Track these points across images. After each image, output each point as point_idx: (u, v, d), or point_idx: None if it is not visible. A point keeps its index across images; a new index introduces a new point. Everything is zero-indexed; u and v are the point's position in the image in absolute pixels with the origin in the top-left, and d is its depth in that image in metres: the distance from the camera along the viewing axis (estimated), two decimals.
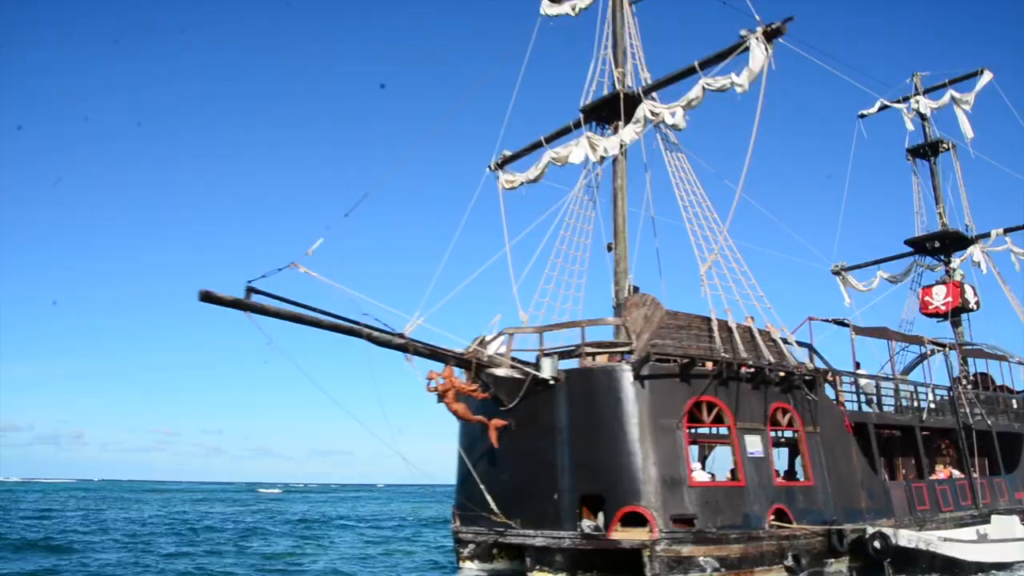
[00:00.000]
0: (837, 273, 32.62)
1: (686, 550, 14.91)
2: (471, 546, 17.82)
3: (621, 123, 20.24)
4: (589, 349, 16.40)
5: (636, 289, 19.46)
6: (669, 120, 19.25)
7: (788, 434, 17.98)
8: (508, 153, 23.09)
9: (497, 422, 16.82)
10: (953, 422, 22.95)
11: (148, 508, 56.36)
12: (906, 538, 16.62)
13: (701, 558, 14.98)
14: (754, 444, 16.55)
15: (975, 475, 22.82)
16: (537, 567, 16.56)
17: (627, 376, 15.71)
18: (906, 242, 30.71)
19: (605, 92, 20.85)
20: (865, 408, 21.07)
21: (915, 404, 23.01)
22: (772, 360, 17.04)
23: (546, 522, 16.24)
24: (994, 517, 20.12)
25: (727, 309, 17.38)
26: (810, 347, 19.12)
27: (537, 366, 16.46)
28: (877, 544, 16.70)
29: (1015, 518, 20.00)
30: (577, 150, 20.83)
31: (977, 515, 21.56)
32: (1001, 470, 24.34)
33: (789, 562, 15.90)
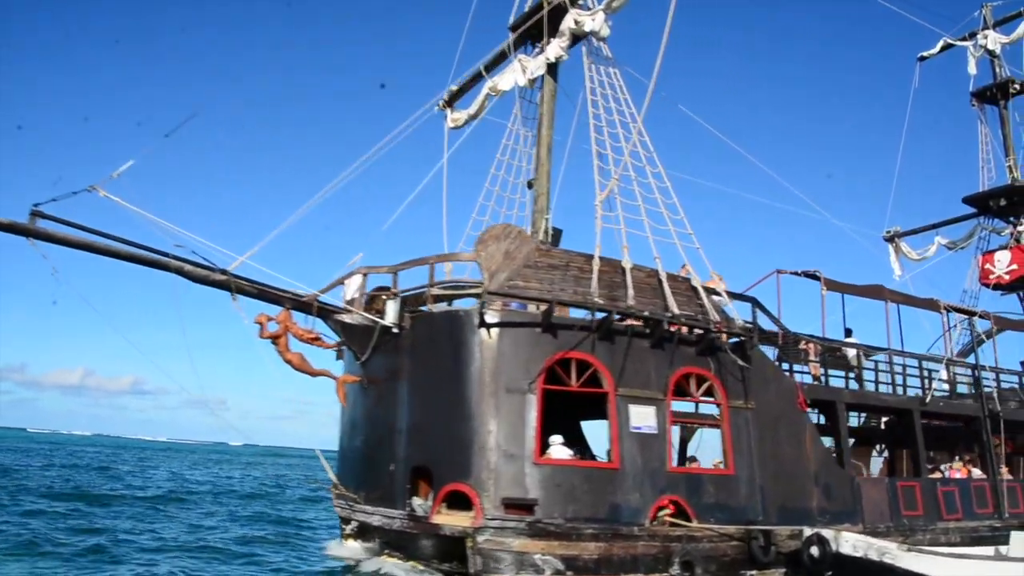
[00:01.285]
0: (890, 240, 27.22)
1: (518, 543, 11.65)
2: (352, 523, 15.21)
3: (546, 39, 16.76)
4: (435, 291, 13.27)
5: (558, 232, 16.07)
6: (589, 27, 15.64)
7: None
8: (454, 88, 19.91)
9: (346, 377, 14.10)
10: (975, 408, 18.06)
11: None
12: (851, 544, 12.55)
13: (538, 556, 11.67)
14: (643, 417, 12.91)
15: (1005, 476, 17.90)
16: (386, 551, 13.82)
17: (472, 323, 12.54)
18: (965, 200, 25.04)
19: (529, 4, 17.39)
20: (852, 385, 16.74)
21: (929, 384, 18.28)
22: (677, 312, 13.26)
23: (383, 498, 13.47)
24: (1014, 534, 15.38)
25: (624, 246, 13.76)
26: (754, 301, 15.07)
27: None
28: (815, 551, 12.75)
29: None
30: (508, 75, 17.51)
31: (1001, 527, 16.80)
32: None
33: (676, 570, 12.28)
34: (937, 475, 17.40)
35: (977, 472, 18.11)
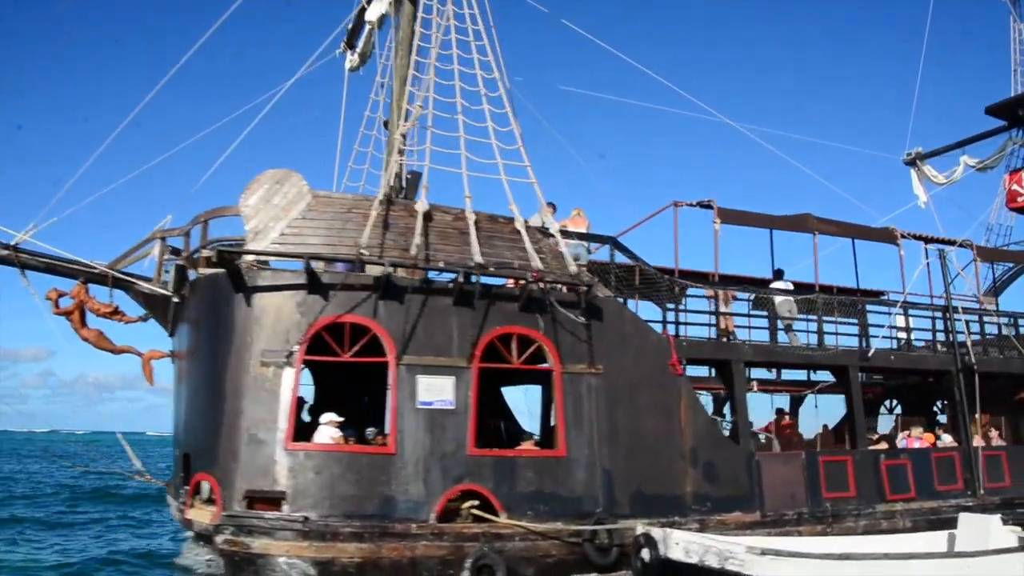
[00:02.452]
0: (911, 163, 23.02)
1: (259, 544, 9.79)
2: None
3: None
4: (207, 252, 11.33)
5: (416, 176, 13.73)
6: None
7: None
8: (350, 25, 17.85)
9: (152, 353, 12.57)
10: (945, 360, 14.55)
11: None
12: (683, 548, 9.90)
13: (283, 559, 9.76)
14: (436, 389, 10.64)
15: (978, 442, 14.41)
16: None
17: (228, 288, 10.62)
18: (989, 110, 20.57)
19: None
20: (779, 339, 13.68)
21: (908, 336, 14.91)
22: (480, 261, 10.78)
23: (176, 489, 11.98)
24: (963, 516, 12.14)
25: (424, 186, 11.39)
26: (612, 241, 12.35)
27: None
28: (645, 555, 10.22)
29: (995, 518, 11.88)
30: (376, 3, 15.23)
31: (975, 506, 13.51)
32: None
33: None
34: (881, 445, 14.11)
35: (948, 439, 14.68)
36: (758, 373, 15.81)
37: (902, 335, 14.90)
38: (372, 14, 14.89)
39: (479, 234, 11.22)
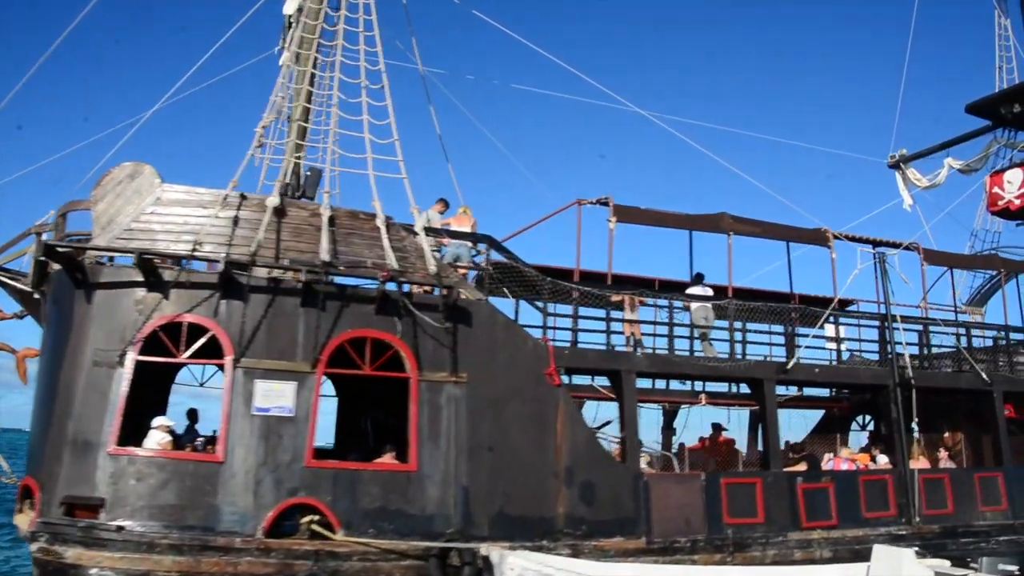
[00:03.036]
0: (895, 166, 21.38)
1: (72, 554, 9.34)
2: None
3: None
4: (62, 247, 10.93)
5: (316, 173, 13.14)
6: None
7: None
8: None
9: (26, 352, 12.32)
10: (880, 375, 13.26)
11: None
12: (517, 572, 9.05)
13: (95, 570, 9.29)
14: (274, 396, 10.04)
15: (918, 463, 13.09)
16: None
17: (70, 284, 10.23)
18: (968, 108, 18.71)
19: None
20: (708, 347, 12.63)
21: (839, 347, 13.68)
22: (326, 259, 10.11)
23: None
24: (878, 548, 10.96)
25: (280, 180, 10.80)
26: (489, 240, 11.54)
27: None
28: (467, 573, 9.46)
29: (908, 551, 10.66)
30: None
31: (910, 534, 12.28)
32: (1004, 457, 13.97)
33: None
34: (801, 466, 12.86)
35: (884, 460, 13.35)
36: (713, 387, 14.86)
37: (838, 345, 13.65)
38: (288, 8, 14.42)
39: (337, 231, 10.60)
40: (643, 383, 14.83)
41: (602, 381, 12.88)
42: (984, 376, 14.15)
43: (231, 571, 9.41)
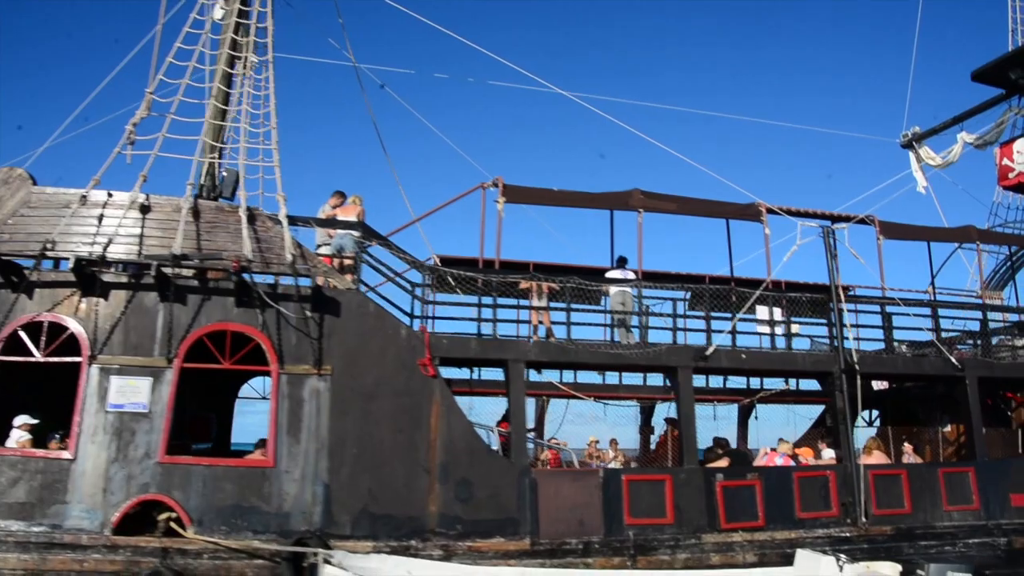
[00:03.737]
0: (907, 145, 19.82)
1: None
2: None
3: None
4: None
5: (233, 174, 13.11)
6: None
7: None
8: None
9: None
10: (824, 361, 11.97)
11: None
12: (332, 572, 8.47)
13: None
14: (129, 392, 9.90)
15: (872, 458, 11.70)
16: None
17: None
18: (975, 75, 17.05)
19: None
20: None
21: (772, 332, 12.48)
22: (178, 252, 9.92)
23: None
24: (800, 553, 9.79)
25: (143, 175, 10.70)
26: (363, 228, 11.10)
27: None
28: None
29: (826, 558, 9.46)
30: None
31: (855, 537, 11.00)
32: (978, 451, 12.32)
33: None
34: (723, 462, 11.63)
35: (830, 455, 12.01)
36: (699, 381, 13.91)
37: (771, 329, 12.43)
38: (216, 14, 14.59)
39: (201, 225, 10.46)
40: (611, 379, 14.15)
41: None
42: (953, 361, 12.58)
43: (77, 568, 9.26)
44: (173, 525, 9.51)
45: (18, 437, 9.98)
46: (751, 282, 12.45)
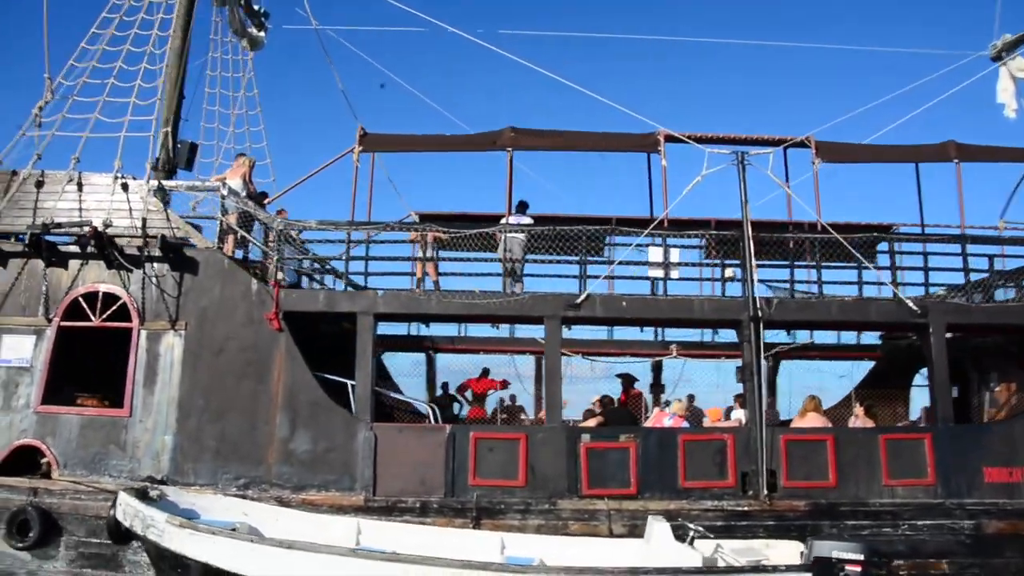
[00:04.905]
0: (997, 58, 16.26)
1: None
2: None
3: None
4: None
5: (191, 146, 14.03)
6: None
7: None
8: None
9: None
10: (728, 309, 10.23)
11: None
12: (123, 509, 8.71)
13: None
14: (17, 347, 10.93)
15: (805, 421, 9.85)
16: None
17: None
18: None
19: None
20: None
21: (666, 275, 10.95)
22: (45, 222, 10.73)
23: None
24: (652, 519, 8.58)
25: (37, 153, 11.66)
26: (230, 190, 11.21)
27: None
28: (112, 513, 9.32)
29: (662, 524, 8.18)
30: None
31: (756, 510, 9.50)
32: (942, 413, 9.86)
33: (2, 528, 10.17)
34: (592, 421, 10.22)
35: (740, 415, 10.23)
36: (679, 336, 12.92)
37: (665, 273, 10.81)
38: None
39: (81, 194, 11.24)
40: (600, 333, 13.39)
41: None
42: (910, 304, 10.16)
43: None
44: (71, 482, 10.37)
45: None
46: (643, 221, 10.94)
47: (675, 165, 11.42)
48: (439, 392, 13.97)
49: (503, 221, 11.67)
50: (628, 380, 12.98)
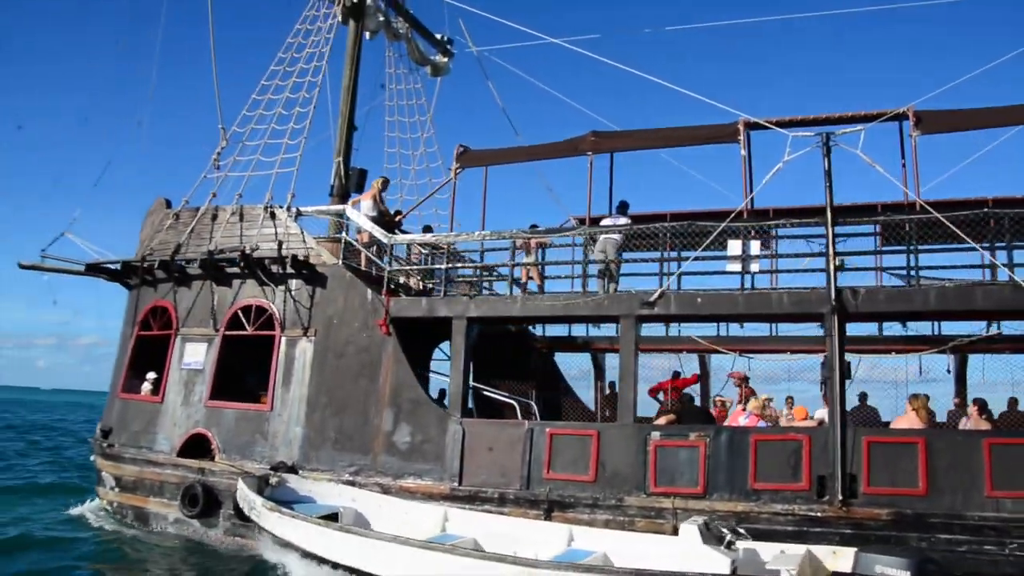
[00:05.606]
0: None
1: (99, 462, 14.17)
2: None
3: None
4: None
5: (360, 173, 16.22)
6: None
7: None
8: None
9: None
10: (807, 302, 9.82)
11: None
12: (240, 493, 10.46)
13: (104, 472, 13.93)
14: (194, 353, 13.36)
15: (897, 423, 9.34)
16: None
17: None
18: None
19: None
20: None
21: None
22: (211, 249, 13.10)
23: None
24: (686, 527, 8.69)
25: (212, 193, 14.19)
26: (347, 213, 12.79)
27: None
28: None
29: (691, 527, 8.24)
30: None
31: (830, 517, 9.19)
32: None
33: (177, 501, 12.46)
34: (664, 419, 10.03)
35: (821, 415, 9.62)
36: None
37: (743, 267, 10.53)
38: None
39: (243, 224, 13.53)
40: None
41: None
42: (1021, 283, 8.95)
43: (159, 480, 12.96)
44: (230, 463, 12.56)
45: (145, 387, 14.19)
46: (723, 214, 10.75)
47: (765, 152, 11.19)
48: (607, 391, 14.63)
49: (605, 222, 12.18)
50: (676, 374, 12.96)
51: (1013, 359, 12.15)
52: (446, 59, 18.88)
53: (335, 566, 9.04)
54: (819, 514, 9.14)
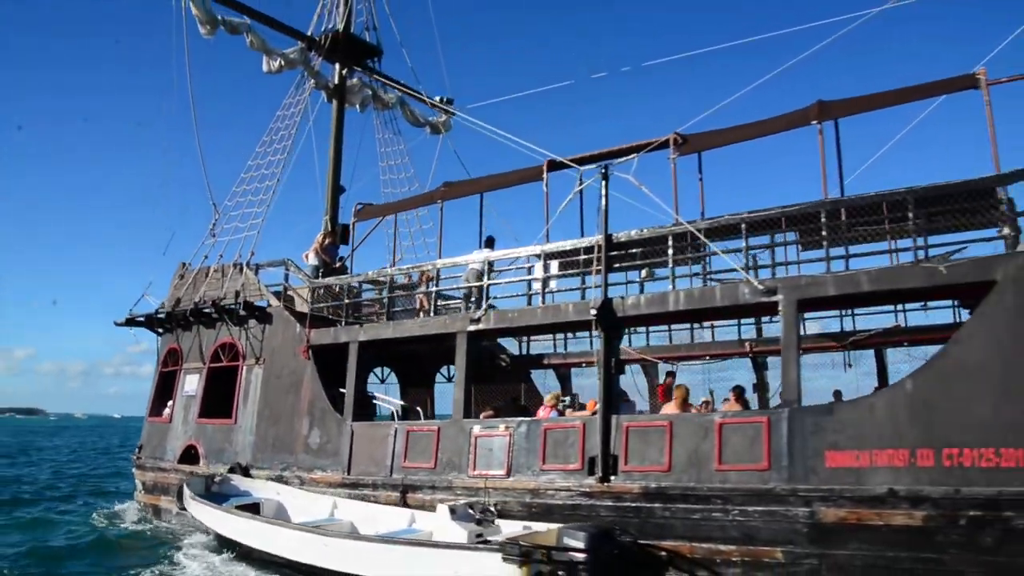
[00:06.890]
0: None
1: (137, 473, 18.12)
2: None
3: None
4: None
5: (344, 228, 19.58)
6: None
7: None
8: None
9: None
10: (585, 311, 11.45)
11: None
12: (182, 488, 13.69)
13: (136, 479, 17.85)
14: (191, 383, 16.97)
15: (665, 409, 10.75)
16: None
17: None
18: None
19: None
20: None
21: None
22: (199, 298, 16.70)
23: None
24: (441, 508, 10.92)
25: (220, 254, 17.87)
26: (284, 263, 15.87)
27: None
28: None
29: (443, 506, 10.45)
30: None
31: (597, 491, 10.91)
32: (788, 393, 9.72)
33: (171, 496, 15.94)
34: (487, 413, 11.88)
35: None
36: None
37: (543, 287, 12.30)
38: None
39: (223, 279, 17.09)
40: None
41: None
42: (755, 283, 10.09)
43: (164, 482, 16.59)
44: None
45: (166, 412, 17.99)
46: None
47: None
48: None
49: (471, 255, 14.45)
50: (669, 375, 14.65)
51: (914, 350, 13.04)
52: (444, 118, 21.85)
53: (228, 542, 12.08)
54: (587, 490, 10.77)
